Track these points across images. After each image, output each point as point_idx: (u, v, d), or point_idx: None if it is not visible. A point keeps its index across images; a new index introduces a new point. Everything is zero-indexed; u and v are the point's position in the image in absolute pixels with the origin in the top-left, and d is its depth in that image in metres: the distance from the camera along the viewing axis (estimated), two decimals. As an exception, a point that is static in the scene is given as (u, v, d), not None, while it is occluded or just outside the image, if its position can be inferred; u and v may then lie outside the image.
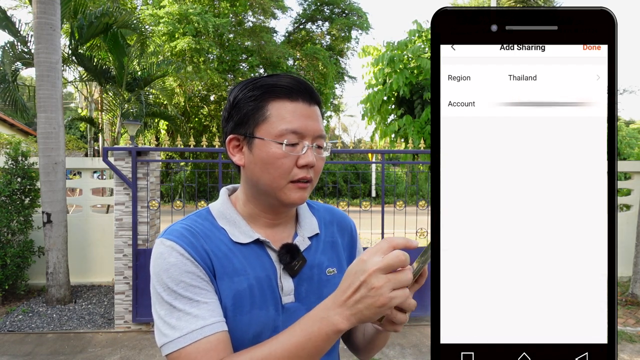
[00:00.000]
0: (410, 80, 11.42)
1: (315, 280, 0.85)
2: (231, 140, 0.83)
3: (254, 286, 0.79)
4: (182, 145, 5.01)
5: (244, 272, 0.79)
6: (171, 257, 0.75)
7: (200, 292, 0.74)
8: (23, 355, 3.90)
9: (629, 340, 4.24)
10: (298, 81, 0.81)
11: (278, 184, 0.79)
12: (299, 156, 0.79)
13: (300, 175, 0.79)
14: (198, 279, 0.75)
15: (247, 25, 17.75)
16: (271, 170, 0.78)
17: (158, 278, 0.75)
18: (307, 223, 0.91)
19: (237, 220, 0.84)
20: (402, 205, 4.72)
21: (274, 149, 0.78)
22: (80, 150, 18.08)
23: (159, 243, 0.78)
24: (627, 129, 20.61)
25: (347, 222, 0.99)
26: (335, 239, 0.93)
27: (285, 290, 0.82)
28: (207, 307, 0.74)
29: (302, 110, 0.80)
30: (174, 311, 0.73)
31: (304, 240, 0.88)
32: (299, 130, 0.78)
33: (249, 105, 0.80)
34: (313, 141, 0.80)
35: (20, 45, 7.44)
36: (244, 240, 0.82)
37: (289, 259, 0.82)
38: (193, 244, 0.77)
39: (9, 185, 5.27)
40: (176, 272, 0.74)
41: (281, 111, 0.79)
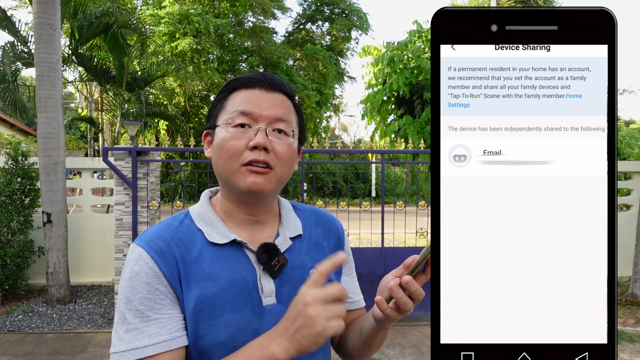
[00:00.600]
0: (410, 80, 11.42)
1: (297, 282, 0.82)
2: (205, 136, 0.86)
3: (225, 290, 0.77)
4: (182, 145, 5.01)
5: (215, 277, 0.78)
6: (136, 266, 0.75)
7: (154, 307, 0.73)
8: (23, 355, 3.90)
9: (629, 340, 4.24)
10: (262, 74, 0.83)
11: (230, 168, 0.78)
12: (251, 139, 0.78)
13: (250, 157, 0.77)
14: (155, 292, 0.74)
15: (247, 25, 17.75)
16: (222, 154, 0.78)
17: (121, 283, 0.76)
18: (290, 224, 0.89)
19: (215, 221, 0.83)
20: (402, 205, 4.72)
21: (223, 132, 0.79)
22: (80, 150, 18.07)
23: (131, 248, 0.78)
24: (627, 129, 20.60)
25: (334, 225, 0.97)
26: (320, 240, 0.92)
27: (265, 292, 0.80)
28: (156, 324, 0.73)
29: (258, 95, 0.80)
30: (124, 323, 0.73)
31: (285, 240, 0.86)
32: (248, 110, 0.78)
33: (217, 101, 0.84)
34: (269, 124, 0.79)
35: (20, 45, 7.44)
36: (220, 240, 0.80)
37: (267, 258, 0.80)
38: (162, 250, 0.77)
39: (9, 185, 5.27)
40: (137, 282, 0.74)
41: (235, 98, 0.81)
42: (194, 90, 16.79)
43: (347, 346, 0.93)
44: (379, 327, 0.79)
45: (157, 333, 0.72)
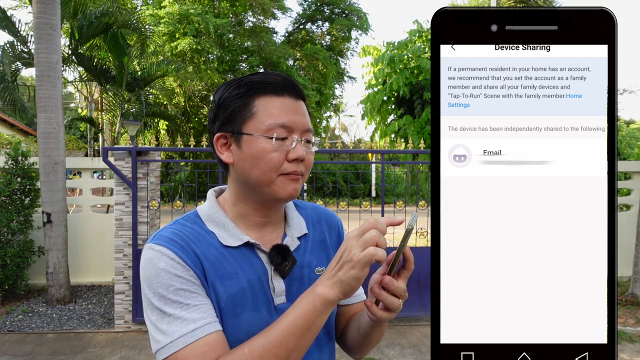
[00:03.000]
0: (410, 80, 11.42)
1: (305, 280, 0.86)
2: (219, 138, 0.83)
3: (246, 289, 0.79)
4: (182, 145, 5.01)
5: (236, 275, 0.79)
6: (161, 262, 0.75)
7: (190, 296, 0.74)
8: (23, 355, 3.90)
9: (629, 340, 4.24)
10: (283, 77, 0.82)
11: (269, 178, 0.79)
12: (288, 150, 0.79)
13: (291, 169, 0.79)
14: (188, 283, 0.75)
15: (247, 25, 17.75)
16: (261, 165, 0.78)
17: (148, 284, 0.75)
18: (295, 223, 0.91)
19: (226, 223, 0.84)
20: (402, 205, 4.72)
21: (263, 143, 0.78)
22: (80, 150, 18.06)
23: (147, 248, 0.78)
24: (627, 129, 20.60)
25: (334, 220, 0.99)
26: (324, 237, 0.94)
27: (277, 292, 0.82)
28: (197, 310, 0.73)
29: (289, 105, 0.80)
30: (165, 316, 0.73)
31: (293, 240, 0.88)
32: (287, 124, 0.79)
33: (235, 102, 0.81)
34: (301, 135, 0.81)
35: (20, 45, 7.43)
36: (233, 243, 0.81)
37: (280, 260, 0.82)
38: (183, 247, 0.77)
39: (9, 185, 5.27)
40: (166, 277, 0.74)
41: (268, 106, 0.79)
42: (193, 90, 16.79)
43: (347, 341, 0.96)
44: (375, 324, 0.82)
45: (201, 317, 0.73)
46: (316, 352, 0.85)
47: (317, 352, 0.86)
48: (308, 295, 0.69)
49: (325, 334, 0.89)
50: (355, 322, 0.92)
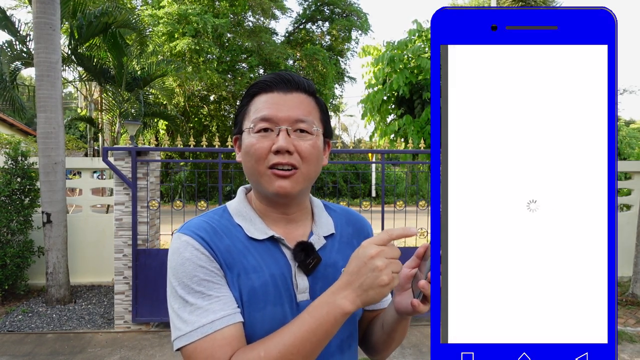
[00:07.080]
0: (410, 80, 11.41)
1: (330, 279, 0.85)
2: (234, 141, 0.91)
3: (269, 283, 0.80)
4: (182, 145, 5.01)
5: (260, 269, 0.80)
6: (186, 252, 0.77)
7: (213, 287, 0.76)
8: (23, 355, 3.90)
9: (629, 340, 4.24)
10: (279, 74, 0.85)
11: (257, 171, 0.82)
12: (274, 142, 0.80)
13: (274, 161, 0.80)
14: (211, 274, 0.77)
15: (246, 25, 17.74)
16: (249, 158, 0.82)
17: (174, 272, 0.78)
18: (323, 223, 0.92)
19: (253, 217, 0.86)
20: (402, 205, 4.72)
21: (250, 138, 0.82)
22: (80, 150, 18.06)
23: (175, 238, 0.81)
24: (627, 129, 20.61)
25: (363, 225, 1.00)
26: (350, 239, 0.94)
27: (300, 288, 0.83)
28: (219, 301, 0.75)
29: (275, 99, 0.83)
30: (187, 305, 0.75)
31: (320, 238, 0.89)
32: (268, 115, 0.81)
33: (241, 107, 0.88)
34: (292, 125, 0.81)
35: (19, 45, 7.43)
36: (259, 236, 0.83)
37: (304, 257, 0.83)
38: (210, 238, 0.80)
39: (8, 185, 5.27)
40: (190, 267, 0.76)
41: (257, 103, 0.84)
42: (193, 90, 16.78)
43: (371, 341, 0.96)
44: (401, 318, 0.82)
45: (221, 309, 0.75)
46: (338, 354, 0.86)
47: (338, 354, 0.86)
48: (329, 304, 0.69)
49: (348, 337, 0.88)
50: (379, 320, 0.93)
